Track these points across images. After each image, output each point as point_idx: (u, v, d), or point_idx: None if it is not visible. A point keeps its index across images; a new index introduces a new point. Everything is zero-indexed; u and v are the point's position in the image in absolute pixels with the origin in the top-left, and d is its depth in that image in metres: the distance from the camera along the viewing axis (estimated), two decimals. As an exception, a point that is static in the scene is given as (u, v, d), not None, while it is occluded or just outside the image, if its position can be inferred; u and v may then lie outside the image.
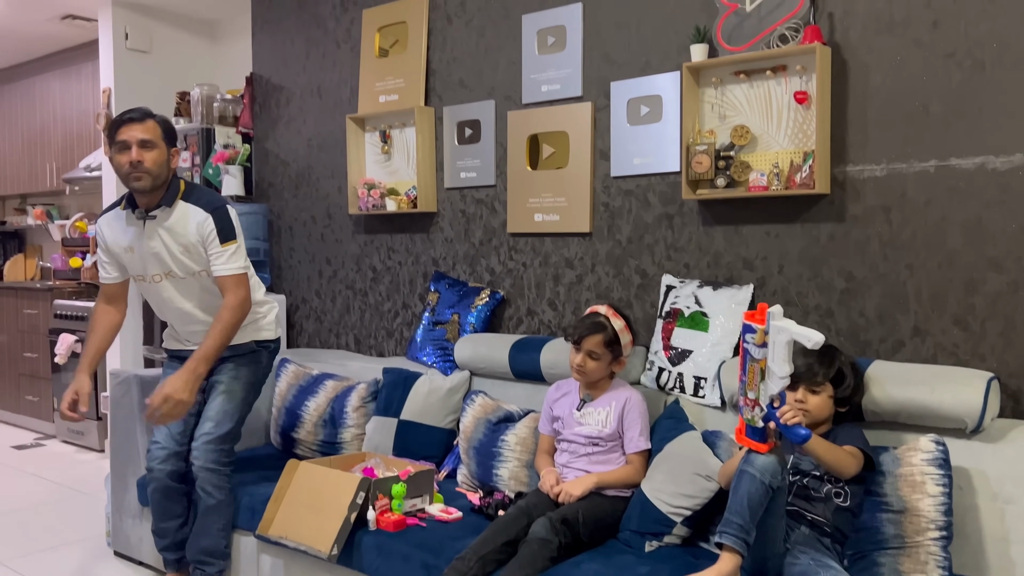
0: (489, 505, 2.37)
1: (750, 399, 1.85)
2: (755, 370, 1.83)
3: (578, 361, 2.36)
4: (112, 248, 2.61)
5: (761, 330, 1.81)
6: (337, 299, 3.75)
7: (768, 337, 1.80)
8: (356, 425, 3.02)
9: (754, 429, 1.87)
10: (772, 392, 1.81)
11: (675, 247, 2.69)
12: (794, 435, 1.84)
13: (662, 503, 2.15)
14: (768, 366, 1.81)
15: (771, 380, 1.80)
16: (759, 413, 1.84)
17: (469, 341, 2.95)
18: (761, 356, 1.81)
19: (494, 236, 3.17)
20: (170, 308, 2.66)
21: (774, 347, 1.79)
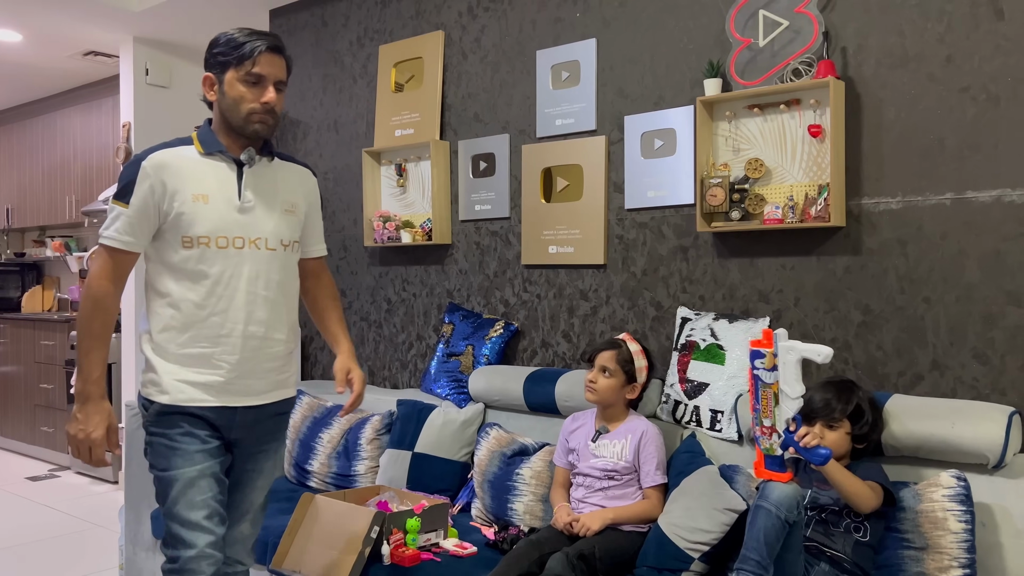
0: (504, 540, 2.35)
1: (766, 427, 1.85)
2: (768, 396, 1.83)
3: (590, 376, 2.36)
4: (170, 192, 1.83)
5: (770, 353, 1.82)
6: (352, 330, 3.75)
7: (777, 359, 1.81)
8: (370, 457, 3.01)
9: (773, 459, 1.86)
10: (787, 415, 1.82)
11: (690, 279, 2.69)
12: (814, 456, 1.83)
13: (679, 539, 2.12)
14: (780, 388, 1.83)
15: (785, 403, 1.81)
16: (776, 440, 1.84)
17: (483, 373, 2.95)
18: (772, 380, 1.82)
19: (508, 268, 3.18)
20: (240, 304, 1.88)
21: (784, 368, 1.81)
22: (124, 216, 1.84)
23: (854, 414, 2.01)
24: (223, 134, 1.93)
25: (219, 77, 1.90)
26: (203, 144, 1.91)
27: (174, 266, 1.87)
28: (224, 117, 1.91)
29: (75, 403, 1.82)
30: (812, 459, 1.84)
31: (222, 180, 1.90)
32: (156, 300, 1.90)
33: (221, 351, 1.88)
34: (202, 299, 1.86)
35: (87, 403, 1.81)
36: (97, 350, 1.80)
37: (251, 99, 1.87)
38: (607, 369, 2.37)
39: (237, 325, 1.89)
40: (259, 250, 1.91)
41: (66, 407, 5.18)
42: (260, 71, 1.87)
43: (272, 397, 1.99)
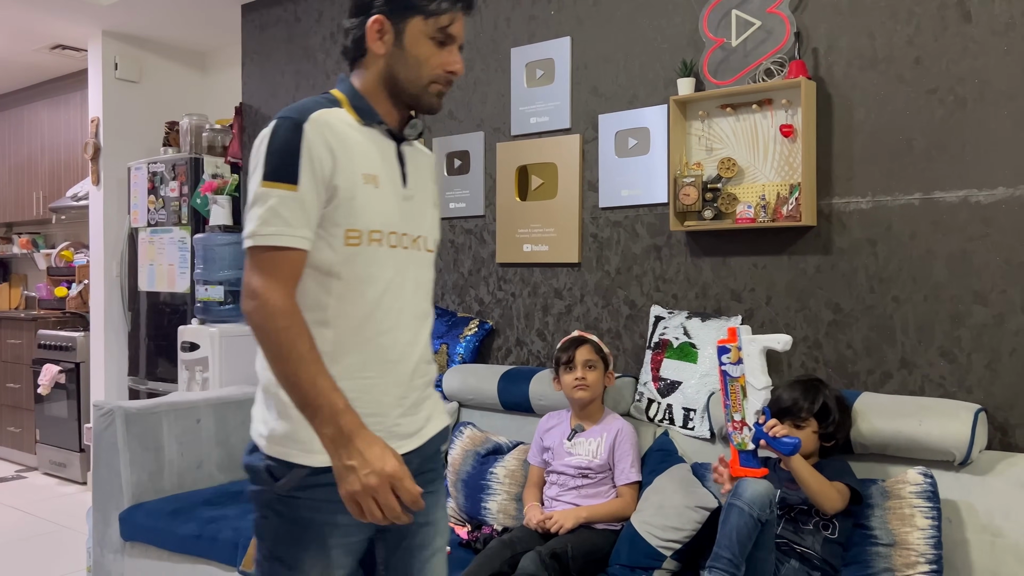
0: (477, 539, 2.34)
1: (737, 422, 1.89)
2: (736, 390, 1.88)
3: (578, 375, 2.36)
4: (340, 167, 1.36)
5: (734, 347, 1.89)
6: (325, 329, 3.72)
7: (742, 353, 1.88)
8: (343, 457, 2.99)
9: (747, 455, 1.89)
10: (756, 407, 1.86)
11: (663, 278, 2.70)
12: (782, 445, 1.87)
13: (652, 536, 2.13)
14: (747, 381, 1.88)
15: (752, 395, 1.87)
16: (748, 434, 1.88)
17: (458, 372, 2.94)
18: (739, 373, 1.89)
19: (483, 266, 3.17)
20: (408, 320, 1.44)
21: (748, 360, 1.88)
22: (293, 201, 1.31)
23: (821, 412, 2.03)
24: (380, 99, 1.44)
25: (397, 25, 1.41)
26: (358, 111, 1.42)
27: (329, 269, 1.36)
28: (391, 78, 1.42)
29: (332, 452, 1.26)
30: (780, 449, 1.87)
31: (387, 159, 1.44)
32: None
33: (388, 383, 1.40)
34: (367, 314, 1.37)
35: (354, 440, 1.24)
36: (322, 374, 1.27)
37: (437, 63, 1.42)
38: (590, 362, 2.38)
39: (407, 348, 1.43)
40: (420, 251, 1.47)
41: (33, 407, 5.09)
42: (454, 31, 1.43)
43: (433, 429, 1.51)
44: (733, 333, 1.91)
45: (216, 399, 3.29)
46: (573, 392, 2.39)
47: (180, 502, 2.91)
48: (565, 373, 2.40)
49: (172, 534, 2.72)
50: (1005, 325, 2.12)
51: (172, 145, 4.19)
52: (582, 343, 2.42)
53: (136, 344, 4.21)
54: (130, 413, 2.97)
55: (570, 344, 2.43)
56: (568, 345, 2.43)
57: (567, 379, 2.40)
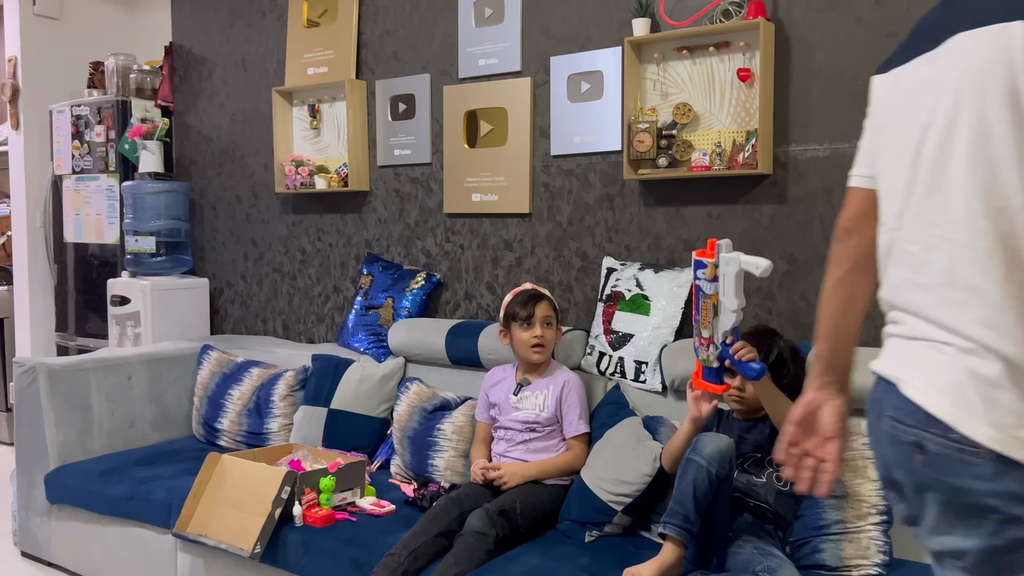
0: (423, 497, 2.27)
1: (704, 338, 1.83)
2: (708, 306, 1.80)
3: (537, 333, 2.28)
4: None
5: (711, 264, 1.79)
6: (264, 283, 3.57)
7: (718, 270, 1.78)
8: (283, 415, 2.88)
9: (710, 370, 1.86)
10: (725, 328, 1.80)
11: (616, 229, 2.62)
12: (748, 370, 1.81)
13: (602, 491, 2.08)
14: (720, 300, 1.80)
15: (724, 315, 1.80)
16: (714, 352, 1.83)
17: (404, 326, 2.83)
18: (712, 291, 1.80)
19: (430, 217, 3.04)
20: None
21: (724, 280, 1.78)
22: None
23: (776, 364, 1.98)
24: None
25: None
26: None
27: None
28: None
29: None
30: (746, 373, 1.81)
31: None
32: None
33: None
34: None
35: None
36: None
37: None
38: (549, 318, 2.30)
39: None
40: None
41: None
42: None
43: None
44: (712, 247, 1.78)
45: (148, 355, 3.13)
46: (529, 352, 2.30)
47: (111, 462, 2.77)
48: (521, 329, 2.31)
49: (102, 496, 2.58)
50: (958, 275, 2.09)
51: (97, 87, 3.93)
52: (541, 299, 2.33)
53: (64, 298, 3.98)
54: (54, 370, 2.80)
55: (529, 299, 2.32)
56: (527, 300, 2.33)
57: (523, 336, 2.30)
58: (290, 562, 2.11)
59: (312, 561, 2.06)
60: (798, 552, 1.89)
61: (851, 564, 1.83)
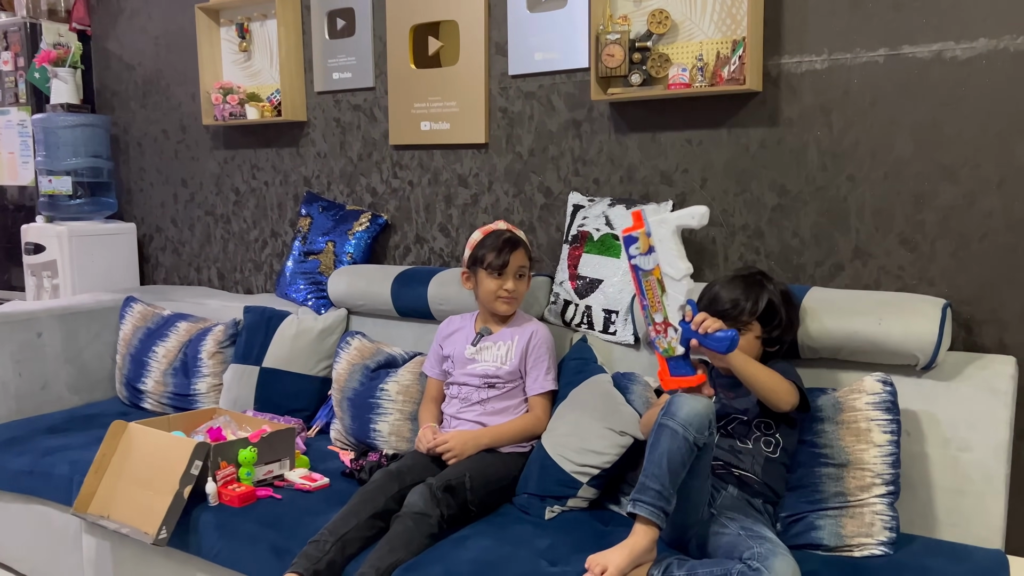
0: (361, 468, 1.98)
1: (659, 324, 1.54)
2: (652, 285, 1.51)
3: (508, 287, 1.97)
4: None
5: (643, 234, 1.50)
6: (196, 227, 3.22)
7: (651, 239, 1.50)
8: (212, 374, 2.56)
9: (676, 361, 1.55)
10: (678, 302, 1.51)
11: (583, 160, 2.30)
12: (716, 342, 1.52)
13: (566, 461, 1.80)
14: (663, 272, 1.51)
15: (672, 288, 1.50)
16: (674, 336, 1.53)
17: (345, 274, 2.51)
18: (652, 265, 1.51)
19: (375, 150, 2.70)
20: None
21: (660, 246, 1.52)
22: None
23: (766, 313, 1.69)
24: None
25: None
26: None
27: None
28: None
29: None
30: (715, 347, 1.52)
31: None
32: None
33: None
34: None
35: None
36: None
37: None
38: (523, 269, 1.99)
39: None
40: None
41: None
42: None
43: None
44: (638, 217, 1.52)
45: (62, 309, 2.78)
46: (495, 303, 2.00)
47: (16, 430, 2.46)
48: (490, 277, 1.99)
49: (1, 469, 2.27)
50: (975, 206, 1.80)
51: (4, 8, 3.49)
52: (517, 246, 2.01)
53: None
54: (-57, 328, 2.45)
55: (504, 246, 1.98)
56: (502, 247, 1.98)
57: (491, 285, 1.99)
58: (203, 548, 1.81)
59: (227, 547, 1.77)
60: (790, 529, 1.62)
61: (852, 543, 1.57)
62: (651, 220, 1.53)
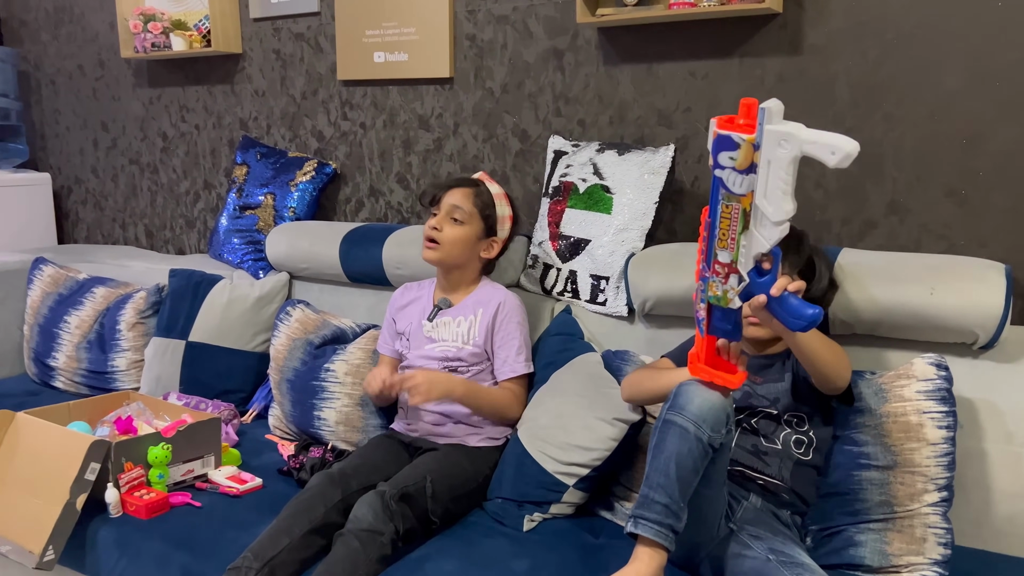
0: (301, 467, 1.65)
1: (721, 264, 1.11)
2: (735, 213, 1.07)
3: (432, 223, 1.65)
4: None
5: (748, 143, 1.03)
6: (120, 178, 2.81)
7: (759, 154, 1.03)
8: (133, 348, 2.20)
9: (725, 316, 1.14)
10: (760, 250, 1.07)
11: (566, 97, 1.95)
12: (797, 316, 1.09)
13: (547, 459, 1.48)
14: (756, 205, 1.05)
15: (760, 229, 1.06)
16: (736, 286, 1.11)
17: (285, 232, 2.15)
18: (746, 189, 1.05)
19: (320, 86, 2.31)
20: None
21: (770, 170, 1.02)
22: None
23: (807, 270, 1.38)
24: None
25: None
26: None
27: None
28: None
29: None
30: (791, 321, 1.10)
31: None
32: None
33: None
34: None
35: None
36: None
37: None
38: (458, 210, 1.65)
39: None
40: None
41: None
42: None
43: None
44: (750, 113, 1.04)
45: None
46: (422, 247, 1.67)
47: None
48: (428, 218, 1.69)
49: None
50: (1041, 151, 1.50)
51: None
52: (463, 185, 1.69)
53: None
54: None
55: (446, 182, 1.71)
56: (442, 183, 1.71)
57: (425, 226, 1.68)
58: (101, 569, 1.47)
59: (130, 568, 1.43)
60: (824, 545, 1.33)
61: (900, 563, 1.28)
62: (768, 128, 1.01)
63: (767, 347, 1.41)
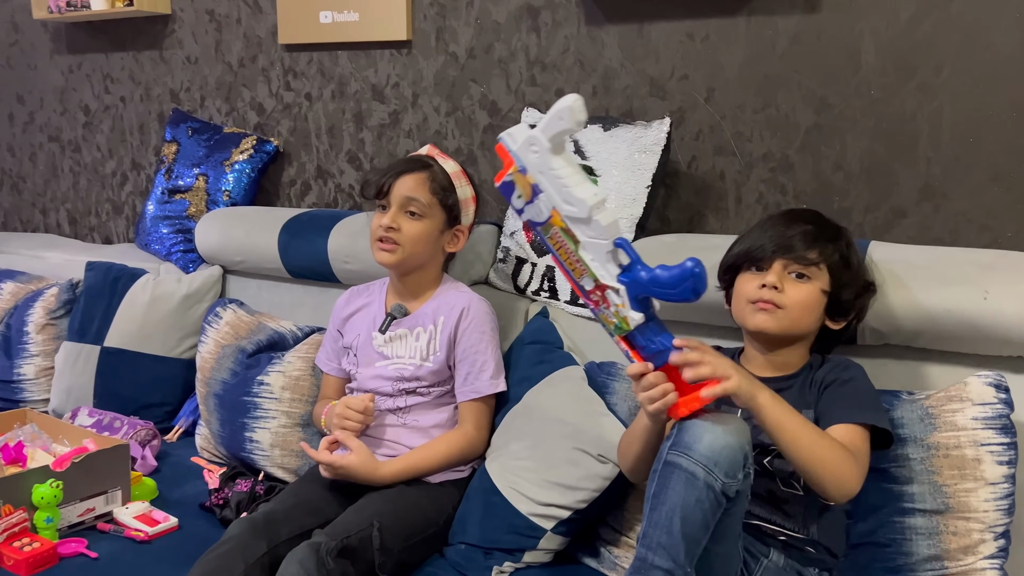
0: (225, 503, 1.37)
1: (592, 291, 1.00)
2: (560, 239, 1.00)
3: (385, 222, 1.36)
4: None
5: (515, 173, 1.00)
6: (39, 157, 2.50)
7: (529, 176, 0.99)
8: (43, 354, 1.91)
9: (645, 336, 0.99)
10: (603, 247, 0.97)
11: (542, 63, 1.68)
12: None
13: (521, 498, 1.23)
14: (564, 216, 0.98)
15: (586, 231, 0.97)
16: (619, 299, 0.98)
17: (217, 219, 1.87)
18: (548, 210, 0.99)
19: (260, 51, 2.02)
20: None
21: (545, 178, 0.98)
22: None
23: (841, 262, 1.13)
24: None
25: None
26: None
27: None
28: None
29: None
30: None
31: None
32: None
33: None
34: None
35: None
36: None
37: None
38: (414, 203, 1.37)
39: None
40: None
41: None
42: None
43: None
44: (503, 152, 1.01)
45: None
46: (374, 249, 1.40)
47: None
48: (375, 214, 1.40)
49: None
50: (1106, 126, 1.25)
51: None
52: (415, 169, 1.39)
53: None
54: None
55: (395, 167, 1.40)
56: (389, 169, 1.40)
57: (374, 223, 1.40)
58: (-32, 643, 1.20)
59: (2, 645, 1.16)
60: (859, 608, 1.09)
61: (953, 631, 1.04)
62: (515, 149, 0.99)
63: (780, 345, 1.15)
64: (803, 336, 1.15)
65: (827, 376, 1.12)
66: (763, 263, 1.13)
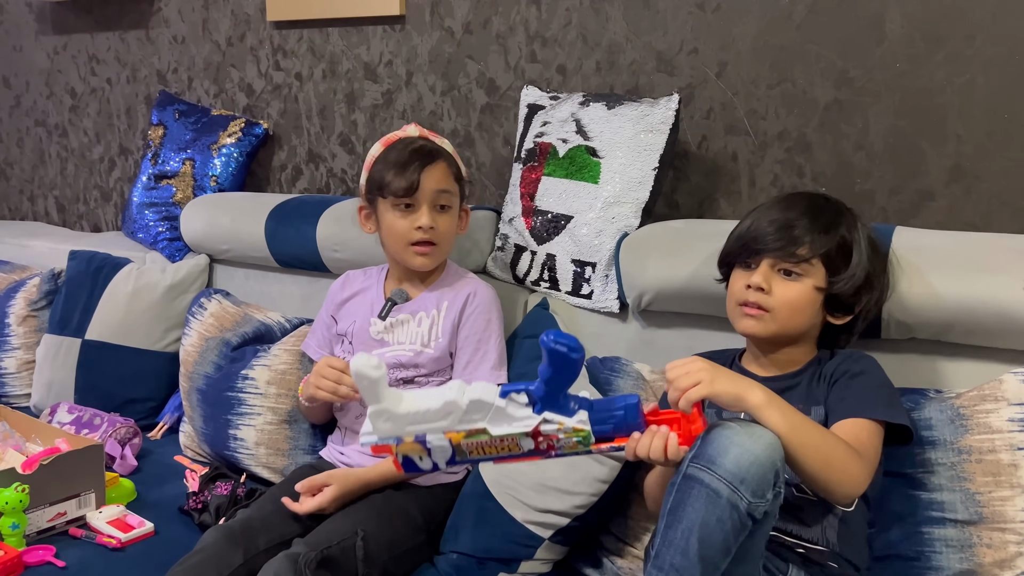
0: (203, 507, 1.30)
1: (535, 446, 0.89)
2: (473, 445, 0.90)
3: (425, 223, 1.26)
4: None
5: (398, 449, 0.90)
6: (26, 142, 2.42)
7: (404, 437, 0.89)
8: (25, 347, 1.84)
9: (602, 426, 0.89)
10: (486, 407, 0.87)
11: (543, 38, 1.58)
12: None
13: (517, 504, 1.14)
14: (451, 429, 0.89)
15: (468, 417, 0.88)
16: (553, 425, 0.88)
17: (203, 206, 1.78)
18: (447, 443, 0.89)
19: (248, 29, 1.93)
20: None
21: (407, 426, 0.89)
22: None
23: (837, 253, 1.03)
24: None
25: None
26: None
27: None
28: None
29: None
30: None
31: None
32: None
33: None
34: None
35: None
36: None
37: None
38: (445, 195, 1.29)
39: None
40: None
41: None
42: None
43: None
44: (378, 450, 0.92)
45: None
46: (407, 253, 1.30)
47: None
48: (395, 212, 1.29)
49: None
50: None
51: None
52: (433, 158, 1.29)
53: None
54: None
55: (413, 158, 1.28)
56: (408, 159, 1.28)
57: (398, 224, 1.29)
58: (-73, 657, 1.13)
59: (-39, 661, 1.09)
60: (883, 627, 1.00)
61: (987, 653, 0.95)
62: (380, 438, 0.90)
63: (778, 345, 1.06)
64: (801, 335, 1.06)
65: (836, 369, 1.04)
66: (750, 261, 1.04)
